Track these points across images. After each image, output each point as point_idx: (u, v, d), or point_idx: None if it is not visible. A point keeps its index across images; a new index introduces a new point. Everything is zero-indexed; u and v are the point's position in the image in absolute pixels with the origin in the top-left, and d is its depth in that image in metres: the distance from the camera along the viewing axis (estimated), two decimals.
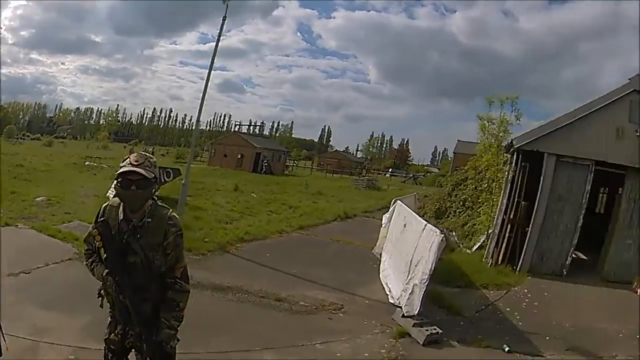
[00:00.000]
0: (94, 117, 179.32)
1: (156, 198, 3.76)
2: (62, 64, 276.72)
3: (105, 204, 3.75)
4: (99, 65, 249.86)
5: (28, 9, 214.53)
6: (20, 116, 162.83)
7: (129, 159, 3.52)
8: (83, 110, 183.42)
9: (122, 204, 3.59)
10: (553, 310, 9.92)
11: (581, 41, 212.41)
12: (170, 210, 3.75)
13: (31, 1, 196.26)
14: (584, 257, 14.58)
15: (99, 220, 3.60)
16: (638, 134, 12.53)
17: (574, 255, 13.05)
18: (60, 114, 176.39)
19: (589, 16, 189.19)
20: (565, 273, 12.56)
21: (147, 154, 3.66)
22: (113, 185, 16.61)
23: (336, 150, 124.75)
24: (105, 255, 3.55)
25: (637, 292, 11.50)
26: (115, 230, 3.53)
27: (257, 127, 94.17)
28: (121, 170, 3.46)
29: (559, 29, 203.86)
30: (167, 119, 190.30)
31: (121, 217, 3.57)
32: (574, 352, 7.93)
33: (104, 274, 3.56)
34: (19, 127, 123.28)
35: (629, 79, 12.81)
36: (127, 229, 3.54)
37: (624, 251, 12.55)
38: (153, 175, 3.53)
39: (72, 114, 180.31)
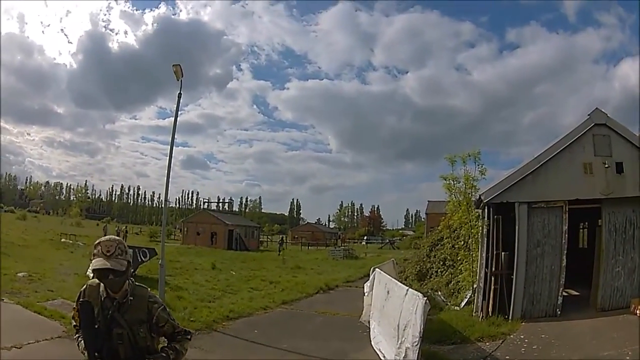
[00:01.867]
0: (64, 192, 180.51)
1: (132, 278, 3.84)
2: (28, 134, 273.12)
3: (85, 285, 3.83)
4: (63, 139, 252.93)
5: None
6: None
7: (100, 248, 3.61)
8: (52, 184, 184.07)
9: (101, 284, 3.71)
10: (554, 349, 9.94)
11: (538, 83, 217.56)
12: (148, 288, 3.91)
13: None
14: (576, 293, 14.69)
15: (79, 300, 3.70)
16: (607, 166, 12.89)
17: (565, 294, 13.15)
18: (31, 187, 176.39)
19: (542, 57, 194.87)
20: (559, 312, 12.63)
21: (117, 239, 3.74)
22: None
23: (308, 222, 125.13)
24: (83, 333, 3.61)
25: (636, 314, 11.60)
26: (98, 308, 3.63)
27: (226, 203, 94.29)
28: (94, 265, 3.56)
29: (512, 75, 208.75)
30: (136, 196, 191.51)
31: (104, 296, 3.68)
32: None
33: (81, 349, 3.62)
34: None
35: (589, 115, 13.36)
36: (111, 305, 3.64)
37: (615, 279, 12.73)
38: (126, 264, 3.64)
39: (42, 187, 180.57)
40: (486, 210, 13.84)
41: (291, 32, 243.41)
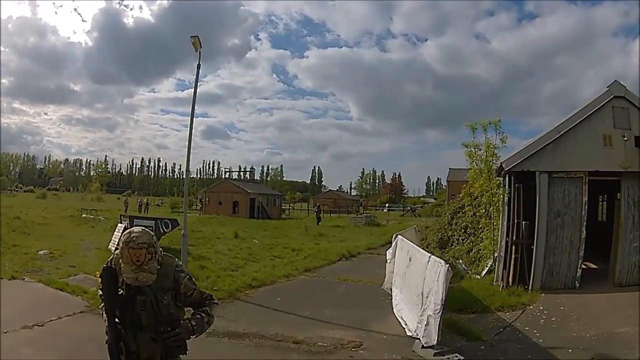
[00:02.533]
0: (84, 168, 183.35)
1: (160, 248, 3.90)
2: (45, 114, 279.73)
3: (112, 255, 3.88)
4: (81, 115, 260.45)
5: (5, 55, 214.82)
6: (11, 168, 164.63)
7: (129, 254, 3.60)
8: (72, 161, 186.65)
9: None
10: (572, 322, 9.97)
11: (557, 55, 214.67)
12: (176, 258, 3.99)
13: (7, 48, 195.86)
14: (595, 266, 14.68)
15: (104, 266, 3.78)
16: (626, 139, 12.75)
17: (583, 266, 13.13)
18: (50, 166, 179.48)
19: (561, 29, 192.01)
20: (577, 285, 12.64)
21: (146, 238, 3.68)
22: (114, 238, 16.57)
23: (330, 190, 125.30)
24: (104, 299, 3.74)
25: None
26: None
27: (248, 172, 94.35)
28: (124, 274, 3.63)
29: (532, 45, 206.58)
30: (156, 168, 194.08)
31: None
32: None
33: (104, 317, 3.69)
34: (10, 178, 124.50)
35: (607, 87, 13.15)
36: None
37: (632, 254, 12.67)
38: (158, 261, 3.73)
39: (62, 165, 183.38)
40: (507, 178, 13.79)
41: (308, 1, 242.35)
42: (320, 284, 15.19)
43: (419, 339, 8.83)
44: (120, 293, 3.66)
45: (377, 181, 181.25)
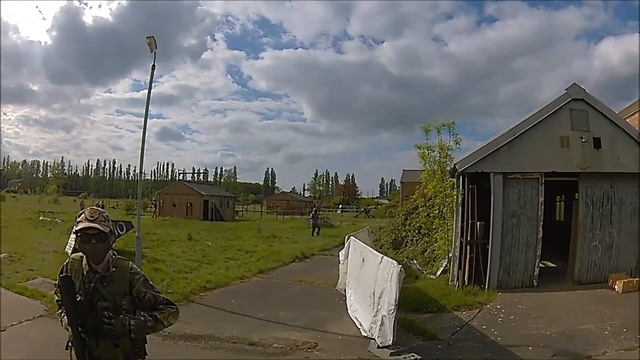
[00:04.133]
0: (41, 170, 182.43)
1: (115, 251, 3.87)
2: (5, 114, 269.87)
3: (67, 260, 3.84)
4: (38, 116, 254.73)
5: None
6: None
7: (84, 215, 3.62)
8: (30, 163, 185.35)
9: (84, 257, 3.70)
10: (531, 320, 10.10)
11: (516, 58, 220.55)
12: (129, 261, 3.91)
13: None
14: (554, 265, 15.01)
15: (60, 275, 3.67)
16: (584, 140, 13.04)
17: (542, 265, 13.43)
18: (9, 167, 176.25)
19: (522, 32, 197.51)
20: (536, 284, 12.88)
21: (99, 209, 3.75)
22: (70, 241, 16.19)
23: (283, 191, 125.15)
24: (65, 307, 3.60)
25: (614, 289, 11.88)
26: (80, 281, 3.63)
27: (201, 174, 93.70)
28: (79, 226, 3.56)
29: (490, 48, 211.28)
30: (111, 170, 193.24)
31: (87, 269, 3.67)
32: (562, 356, 8.08)
33: (64, 324, 3.63)
34: None
35: (566, 89, 13.46)
36: (93, 277, 3.64)
37: (592, 253, 13.05)
38: (109, 229, 3.64)
39: (20, 166, 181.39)
40: (461, 179, 13.95)
41: (266, 2, 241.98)
42: (274, 286, 15.08)
43: (374, 339, 8.80)
44: (79, 299, 3.57)
45: (331, 182, 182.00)
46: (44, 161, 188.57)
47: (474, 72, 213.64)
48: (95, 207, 3.78)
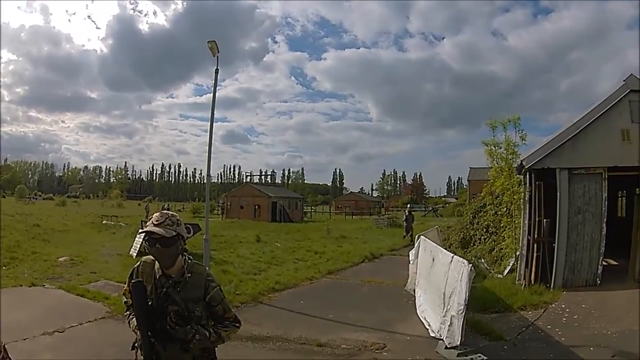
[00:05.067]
0: (103, 175, 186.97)
1: (190, 256, 3.84)
2: (62, 122, 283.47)
3: (138, 263, 3.86)
4: (99, 123, 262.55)
5: (18, 64, 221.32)
6: (30, 175, 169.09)
7: (152, 218, 3.65)
8: (91, 168, 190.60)
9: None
10: (593, 320, 9.94)
11: (572, 50, 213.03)
12: (207, 267, 3.94)
13: (20, 57, 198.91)
14: (616, 263, 14.56)
15: (130, 279, 3.71)
16: None
17: (604, 263, 13.05)
18: (69, 173, 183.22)
19: (576, 23, 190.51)
20: (599, 282, 12.54)
21: (169, 212, 3.76)
22: (135, 243, 16.78)
23: (351, 192, 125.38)
24: (136, 313, 3.60)
25: None
26: (151, 286, 3.64)
27: (268, 176, 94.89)
28: (145, 229, 3.59)
29: (548, 41, 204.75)
30: (177, 174, 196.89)
31: (160, 273, 3.69)
32: (621, 357, 7.97)
33: (132, 327, 3.67)
34: (29, 186, 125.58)
35: (624, 80, 13.01)
36: (166, 282, 3.65)
37: None
38: (175, 233, 3.59)
39: (81, 172, 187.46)
40: (527, 176, 13.74)
41: (324, 3, 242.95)
42: (343, 286, 15.21)
43: (442, 339, 8.88)
44: (150, 304, 3.57)
45: (398, 182, 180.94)
46: (106, 166, 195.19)
47: (533, 66, 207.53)
48: (165, 211, 3.79)
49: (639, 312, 9.67)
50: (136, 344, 3.73)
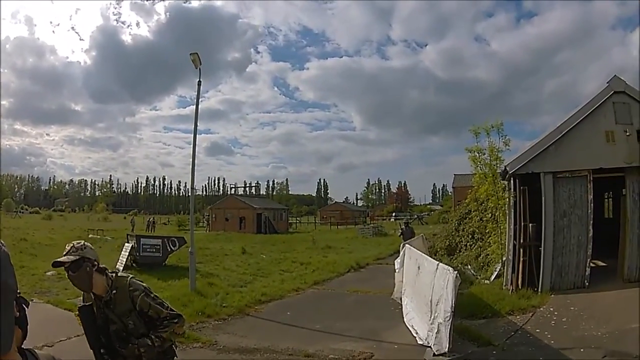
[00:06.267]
0: (89, 188, 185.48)
1: (110, 271, 3.98)
2: (47, 134, 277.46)
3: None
4: (83, 135, 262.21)
5: (4, 76, 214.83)
6: (16, 189, 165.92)
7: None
8: (76, 182, 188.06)
9: None
10: (583, 321, 9.95)
11: (558, 52, 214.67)
12: (129, 277, 4.02)
13: (5, 69, 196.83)
14: (603, 264, 14.61)
15: (79, 305, 3.97)
16: (628, 134, 12.71)
17: (592, 265, 13.10)
18: (55, 187, 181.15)
19: (560, 25, 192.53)
20: (587, 284, 12.58)
21: (74, 242, 3.95)
22: (121, 257, 16.51)
23: (336, 202, 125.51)
24: (86, 336, 3.78)
25: None
26: (96, 308, 3.85)
27: (253, 187, 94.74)
28: (53, 261, 3.86)
29: (532, 44, 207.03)
30: (161, 186, 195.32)
31: (93, 297, 3.88)
32: (612, 357, 7.96)
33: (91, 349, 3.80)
34: (15, 200, 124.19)
35: (607, 82, 13.14)
36: (100, 303, 3.84)
37: None
38: (79, 257, 3.77)
39: (67, 186, 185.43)
40: (512, 181, 13.77)
41: (306, 11, 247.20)
42: (330, 297, 15.17)
43: (430, 347, 8.82)
44: (98, 323, 3.81)
45: (383, 191, 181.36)
46: (91, 180, 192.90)
47: (517, 69, 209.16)
48: (73, 242, 3.96)
49: (629, 312, 9.71)
50: None
